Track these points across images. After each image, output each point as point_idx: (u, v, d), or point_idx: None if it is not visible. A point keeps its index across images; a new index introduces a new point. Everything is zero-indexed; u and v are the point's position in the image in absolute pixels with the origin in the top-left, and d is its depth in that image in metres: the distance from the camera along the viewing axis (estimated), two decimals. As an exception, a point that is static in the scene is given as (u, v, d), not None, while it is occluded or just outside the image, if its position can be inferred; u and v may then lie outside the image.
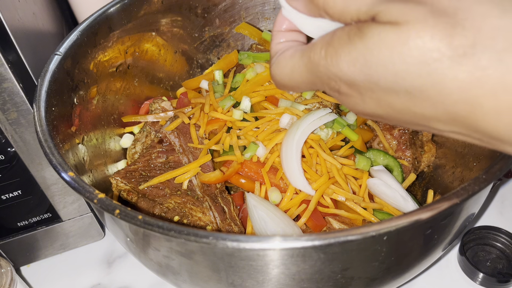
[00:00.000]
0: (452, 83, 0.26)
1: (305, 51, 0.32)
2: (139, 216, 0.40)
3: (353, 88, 0.30)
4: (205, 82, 0.74)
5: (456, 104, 0.26)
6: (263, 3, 0.82)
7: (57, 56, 0.57)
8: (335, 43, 0.29)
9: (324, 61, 0.30)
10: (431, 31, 0.25)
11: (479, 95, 0.25)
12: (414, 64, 0.26)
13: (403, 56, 0.26)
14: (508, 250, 0.69)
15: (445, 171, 0.67)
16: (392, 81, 0.28)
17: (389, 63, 0.27)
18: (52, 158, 0.46)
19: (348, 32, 0.29)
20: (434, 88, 0.26)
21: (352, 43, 0.28)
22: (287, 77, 0.34)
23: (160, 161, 0.64)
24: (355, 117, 0.69)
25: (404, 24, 0.26)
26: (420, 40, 0.26)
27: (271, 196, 0.58)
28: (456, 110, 0.27)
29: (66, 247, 0.73)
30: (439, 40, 0.25)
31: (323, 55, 0.30)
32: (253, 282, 0.44)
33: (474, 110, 0.26)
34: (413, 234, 0.44)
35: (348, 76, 0.29)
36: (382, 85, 0.28)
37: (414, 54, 0.26)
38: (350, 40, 0.28)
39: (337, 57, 0.29)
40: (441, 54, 0.25)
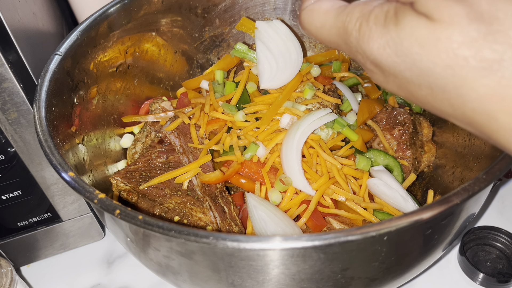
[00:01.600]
0: (473, 92, 0.26)
1: (341, 14, 0.32)
2: (139, 216, 0.40)
3: (378, 68, 0.30)
4: (205, 82, 0.74)
5: (473, 111, 0.27)
6: (263, 3, 0.82)
7: (57, 56, 0.57)
8: (371, 21, 0.29)
9: (356, 34, 0.30)
10: (462, 37, 0.25)
11: (496, 110, 0.26)
12: (441, 66, 0.26)
13: (432, 55, 0.26)
14: (508, 250, 0.69)
15: (445, 171, 0.67)
16: (417, 75, 0.28)
17: (417, 58, 0.27)
18: (52, 158, 0.46)
19: (386, 13, 0.28)
20: (455, 92, 0.27)
21: (387, 28, 0.28)
22: (314, 28, 0.34)
23: (160, 161, 0.64)
24: (355, 117, 0.69)
25: (438, 21, 0.26)
26: (450, 44, 0.26)
27: (271, 197, 0.58)
28: (473, 116, 0.27)
29: (66, 247, 0.73)
30: (468, 48, 0.25)
31: (357, 28, 0.30)
32: (253, 282, 0.44)
33: (490, 122, 0.27)
34: (413, 234, 0.44)
35: (375, 57, 0.29)
36: (407, 76, 0.28)
37: (442, 56, 0.26)
38: (386, 23, 0.28)
39: (370, 36, 0.29)
40: (467, 63, 0.25)
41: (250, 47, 0.74)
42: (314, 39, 0.66)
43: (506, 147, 0.27)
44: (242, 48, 0.73)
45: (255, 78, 0.71)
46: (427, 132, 0.72)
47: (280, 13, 0.84)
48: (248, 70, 0.71)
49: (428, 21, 0.26)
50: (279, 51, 0.68)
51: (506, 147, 0.27)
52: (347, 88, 0.72)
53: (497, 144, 0.28)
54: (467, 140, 0.63)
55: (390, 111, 0.71)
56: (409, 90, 0.30)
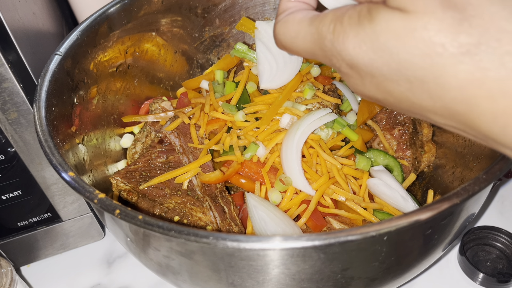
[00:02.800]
0: (452, 79, 0.26)
1: (315, 21, 0.32)
2: (139, 216, 0.40)
3: (354, 69, 0.30)
4: (205, 82, 0.74)
5: (454, 101, 0.27)
6: (263, 3, 0.82)
7: (57, 56, 0.57)
8: (345, 21, 0.29)
9: (330, 36, 0.30)
10: (438, 24, 0.25)
11: (476, 96, 0.25)
12: (418, 56, 0.26)
13: (409, 46, 0.26)
14: (508, 250, 0.69)
15: (445, 171, 0.67)
16: (395, 69, 0.28)
17: (394, 51, 0.27)
18: (52, 158, 0.46)
19: (359, 12, 0.28)
20: (434, 82, 0.27)
21: (361, 25, 0.28)
22: (290, 40, 0.34)
23: (160, 161, 0.64)
24: (355, 117, 0.69)
25: (412, 13, 0.26)
26: (426, 33, 0.26)
27: (271, 197, 0.58)
28: (453, 106, 0.27)
29: (66, 247, 0.73)
30: (445, 35, 0.25)
31: (331, 30, 0.30)
32: (253, 282, 0.44)
33: (471, 109, 0.26)
34: (413, 234, 0.44)
35: (351, 57, 0.29)
36: (385, 72, 0.28)
37: (419, 46, 0.26)
38: (360, 21, 0.28)
39: (345, 36, 0.29)
40: (444, 50, 0.25)
41: (250, 47, 0.74)
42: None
43: (488, 134, 0.27)
44: (242, 48, 0.73)
45: (255, 78, 0.71)
46: (427, 132, 0.72)
47: (280, 13, 0.84)
48: (248, 70, 0.71)
49: (402, 13, 0.26)
50: (279, 51, 0.68)
51: (488, 134, 0.27)
52: (347, 88, 0.72)
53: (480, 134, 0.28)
54: (467, 140, 0.63)
55: (390, 111, 0.71)
56: (387, 89, 0.29)
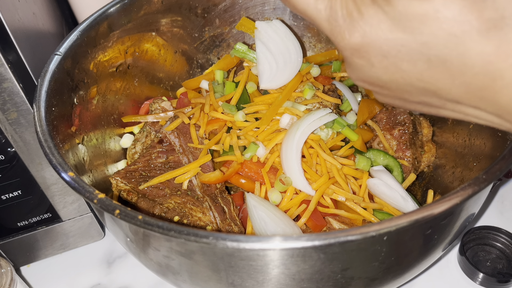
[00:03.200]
0: (478, 56, 0.26)
1: None
2: (139, 216, 0.40)
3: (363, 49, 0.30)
4: (205, 82, 0.74)
5: (476, 76, 0.27)
6: (263, 3, 0.82)
7: (57, 56, 0.57)
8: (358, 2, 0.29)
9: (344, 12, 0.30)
10: (460, 3, 0.25)
11: (502, 68, 0.26)
12: (443, 36, 0.26)
13: (433, 28, 0.26)
14: (508, 250, 0.69)
15: (445, 171, 0.67)
16: (415, 50, 0.28)
17: (417, 32, 0.27)
18: (52, 158, 0.46)
19: None
20: (457, 59, 0.27)
21: (379, 6, 0.28)
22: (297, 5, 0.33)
23: (160, 161, 0.64)
24: (355, 117, 0.69)
25: None
26: (450, 13, 0.26)
27: (271, 197, 0.58)
28: (474, 82, 0.27)
29: (66, 247, 0.73)
30: (469, 13, 0.25)
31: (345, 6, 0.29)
32: (253, 282, 0.44)
33: (494, 82, 0.26)
34: (413, 234, 0.44)
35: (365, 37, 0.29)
36: (403, 52, 0.28)
37: (443, 26, 0.26)
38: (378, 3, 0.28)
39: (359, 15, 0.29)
40: (471, 27, 0.25)
41: (250, 47, 0.74)
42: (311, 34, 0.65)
43: (506, 106, 0.27)
44: (242, 48, 0.73)
45: (255, 78, 0.71)
46: (427, 132, 0.72)
47: (280, 13, 0.84)
48: (248, 70, 0.71)
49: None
50: (279, 51, 0.68)
51: (506, 106, 0.27)
52: (347, 88, 0.72)
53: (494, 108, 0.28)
54: (467, 140, 0.63)
55: (390, 111, 0.71)
56: (399, 68, 0.29)
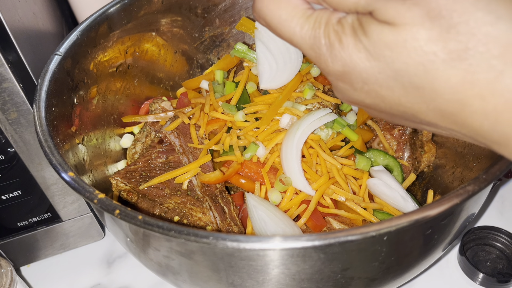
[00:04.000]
0: (446, 84, 0.28)
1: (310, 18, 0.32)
2: (139, 216, 0.40)
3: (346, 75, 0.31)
4: (205, 82, 0.74)
5: (447, 102, 0.28)
6: (263, 3, 0.82)
7: (57, 56, 0.57)
8: (339, 31, 0.30)
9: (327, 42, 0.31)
10: (427, 34, 0.27)
11: (468, 96, 0.27)
12: (412, 64, 0.28)
13: (402, 56, 0.28)
14: (508, 250, 0.69)
15: (445, 171, 0.67)
16: (390, 77, 0.29)
17: (389, 61, 0.29)
18: (52, 158, 0.46)
19: (352, 25, 0.30)
20: (428, 87, 0.28)
21: (357, 37, 0.30)
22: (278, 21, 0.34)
23: (160, 161, 0.64)
24: (355, 117, 0.69)
25: (401, 25, 0.27)
26: (416, 43, 0.27)
27: (271, 197, 0.58)
28: (446, 108, 0.29)
29: (66, 247, 0.73)
30: (435, 44, 0.27)
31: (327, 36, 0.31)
32: (253, 282, 0.44)
33: (463, 108, 0.28)
34: (413, 234, 0.44)
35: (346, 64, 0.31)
36: (380, 79, 0.30)
37: (412, 56, 0.28)
38: (355, 33, 0.30)
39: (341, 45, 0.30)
40: (436, 57, 0.27)
41: (250, 47, 0.74)
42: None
43: (479, 131, 0.29)
44: (242, 48, 0.73)
45: (255, 78, 0.71)
46: (427, 132, 0.72)
47: (280, 13, 0.84)
48: (248, 70, 0.71)
49: (391, 27, 0.28)
50: (279, 51, 0.68)
51: (478, 131, 0.29)
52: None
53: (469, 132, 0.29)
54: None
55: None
56: (380, 95, 0.31)
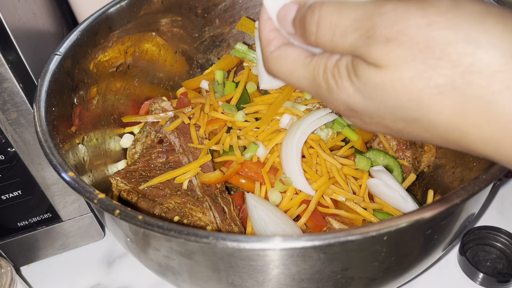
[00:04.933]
0: (440, 116, 0.28)
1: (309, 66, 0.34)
2: (139, 216, 0.40)
3: (352, 111, 0.33)
4: (205, 82, 0.74)
5: (446, 131, 0.29)
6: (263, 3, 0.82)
7: (57, 56, 0.57)
8: (336, 74, 0.32)
9: (326, 87, 0.33)
10: (411, 73, 0.28)
11: (464, 125, 0.28)
12: (405, 101, 0.29)
13: (394, 94, 0.29)
14: (508, 250, 0.69)
15: (445, 171, 0.67)
16: (389, 112, 0.30)
17: (383, 99, 0.30)
18: (52, 158, 0.46)
19: (346, 67, 0.31)
20: (426, 119, 0.29)
21: (350, 79, 0.31)
22: (283, 76, 0.36)
23: (160, 161, 0.64)
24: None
25: (386, 67, 0.28)
26: (402, 82, 0.28)
27: (271, 197, 0.58)
28: (447, 136, 0.29)
29: (66, 247, 0.73)
30: (420, 81, 0.27)
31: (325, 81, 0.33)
32: (253, 282, 0.44)
33: (463, 136, 0.29)
34: (413, 234, 0.44)
35: (348, 104, 0.32)
36: (381, 114, 0.31)
37: (401, 93, 0.28)
38: (349, 76, 0.31)
39: (338, 88, 0.32)
40: (423, 93, 0.28)
41: (250, 47, 0.74)
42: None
43: (484, 155, 0.29)
44: (242, 48, 0.73)
45: (255, 78, 0.71)
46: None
47: (280, 13, 0.84)
48: (248, 70, 0.71)
49: (377, 68, 0.29)
50: None
51: (484, 155, 0.29)
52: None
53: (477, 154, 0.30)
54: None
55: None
56: (387, 125, 0.32)
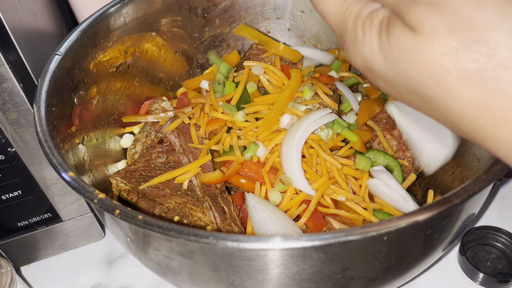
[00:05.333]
0: (457, 102, 0.26)
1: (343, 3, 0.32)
2: (139, 216, 0.40)
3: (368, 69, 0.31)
4: (205, 82, 0.74)
5: (460, 121, 0.27)
6: (263, 3, 0.82)
7: (57, 56, 0.57)
8: (366, 26, 0.30)
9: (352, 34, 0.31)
10: (443, 48, 0.25)
11: (480, 119, 0.26)
12: (425, 76, 0.27)
13: (416, 66, 0.27)
14: (508, 250, 0.69)
15: (445, 171, 0.67)
16: (405, 83, 0.29)
17: (404, 68, 0.28)
18: (52, 158, 0.46)
19: (381, 22, 0.29)
20: (442, 101, 0.27)
21: (380, 36, 0.29)
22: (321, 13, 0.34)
23: (160, 161, 0.64)
24: (355, 117, 0.69)
25: (421, 33, 0.26)
26: (431, 55, 0.26)
27: (271, 197, 0.58)
28: (460, 126, 0.28)
29: (66, 247, 0.73)
30: (449, 59, 0.25)
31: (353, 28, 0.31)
32: (253, 282, 0.44)
33: (476, 131, 0.27)
34: (413, 234, 0.44)
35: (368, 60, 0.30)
36: (397, 82, 0.29)
37: (425, 67, 0.26)
38: (380, 32, 0.29)
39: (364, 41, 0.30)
40: (448, 73, 0.26)
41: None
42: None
43: (496, 154, 0.28)
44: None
45: (255, 78, 0.71)
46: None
47: (280, 13, 0.84)
48: (248, 70, 0.71)
49: (412, 32, 0.27)
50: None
51: (496, 155, 0.28)
52: (347, 88, 0.72)
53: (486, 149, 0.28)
54: (467, 140, 0.63)
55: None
56: (400, 93, 0.30)
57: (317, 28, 0.84)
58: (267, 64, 0.72)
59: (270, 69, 0.71)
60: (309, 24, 0.84)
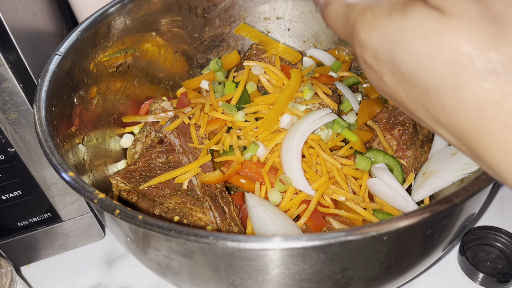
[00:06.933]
0: (470, 96, 0.24)
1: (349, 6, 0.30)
2: (139, 216, 0.40)
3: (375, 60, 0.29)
4: (205, 82, 0.74)
5: (467, 121, 0.25)
6: (263, 3, 0.82)
7: (57, 56, 0.57)
8: (375, 10, 0.28)
9: (358, 24, 0.29)
10: (471, 34, 0.23)
11: (492, 120, 0.24)
12: (441, 62, 0.24)
13: (434, 49, 0.25)
14: (508, 250, 0.69)
15: (445, 171, 0.67)
16: (413, 71, 0.26)
17: (417, 52, 0.25)
18: (52, 158, 0.46)
19: (393, 4, 0.27)
20: (452, 94, 0.25)
21: (391, 17, 0.27)
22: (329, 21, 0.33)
23: (160, 161, 0.64)
24: (355, 117, 0.69)
25: (449, 15, 0.24)
26: (456, 40, 0.24)
27: (271, 197, 0.58)
28: (465, 127, 0.25)
29: (66, 247, 0.73)
30: (475, 47, 0.23)
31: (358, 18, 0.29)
32: (253, 282, 0.44)
33: (483, 134, 0.24)
34: (413, 234, 0.44)
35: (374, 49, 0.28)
36: (403, 71, 0.27)
37: (445, 52, 0.24)
38: (391, 13, 0.27)
39: (371, 26, 0.28)
40: (470, 62, 0.24)
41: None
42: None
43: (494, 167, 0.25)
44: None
45: (255, 78, 0.71)
46: (427, 132, 0.72)
47: (281, 13, 0.84)
48: (248, 70, 0.71)
49: (438, 13, 0.24)
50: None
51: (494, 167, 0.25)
52: (347, 88, 0.72)
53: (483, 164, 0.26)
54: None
55: (390, 111, 0.71)
56: (405, 90, 0.28)
57: (317, 28, 0.84)
58: (267, 64, 0.72)
59: (270, 69, 0.71)
60: (309, 24, 0.84)
